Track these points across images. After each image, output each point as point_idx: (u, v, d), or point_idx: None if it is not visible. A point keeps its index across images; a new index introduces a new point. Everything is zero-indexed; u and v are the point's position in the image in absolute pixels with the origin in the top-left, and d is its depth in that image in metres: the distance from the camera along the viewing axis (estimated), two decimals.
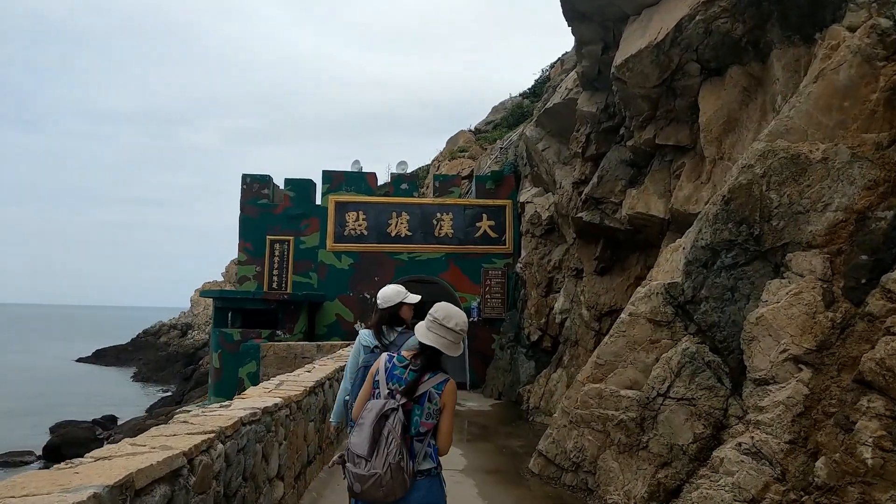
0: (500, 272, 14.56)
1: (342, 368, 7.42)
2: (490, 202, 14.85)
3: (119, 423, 22.07)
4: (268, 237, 14.52)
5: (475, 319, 14.35)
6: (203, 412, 3.70)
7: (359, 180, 14.93)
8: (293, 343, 11.21)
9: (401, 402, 2.70)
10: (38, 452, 17.86)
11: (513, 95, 30.46)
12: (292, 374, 6.27)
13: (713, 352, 5.44)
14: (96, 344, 52.91)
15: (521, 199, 13.67)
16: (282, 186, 15.06)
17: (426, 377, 2.79)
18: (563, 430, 6.21)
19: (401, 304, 4.01)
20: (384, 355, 2.95)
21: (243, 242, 14.54)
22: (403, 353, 2.92)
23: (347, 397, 3.93)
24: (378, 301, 4.00)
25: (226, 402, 4.15)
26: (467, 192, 16.80)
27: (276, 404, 4.30)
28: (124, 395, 30.98)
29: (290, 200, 14.75)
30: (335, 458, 2.92)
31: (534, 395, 10.72)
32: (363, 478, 2.59)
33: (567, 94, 11.47)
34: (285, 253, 14.55)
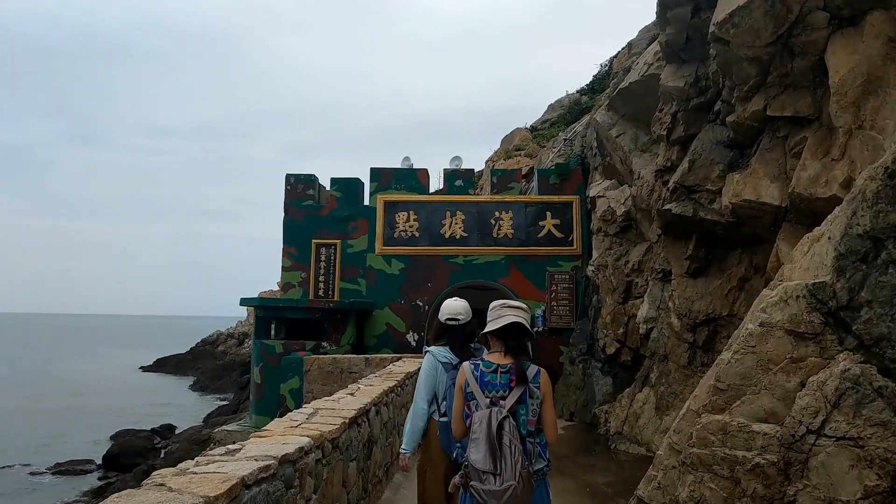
0: (567, 276, 13.29)
1: (392, 389, 6.39)
2: (555, 198, 13.61)
3: (177, 432, 22.63)
4: (313, 241, 13.73)
5: (540, 329, 13.13)
6: (194, 467, 2.68)
7: (409, 177, 13.97)
8: (339, 356, 10.28)
9: (508, 408, 2.73)
10: (99, 461, 18.36)
11: (570, 92, 29.16)
12: (331, 398, 5.26)
13: (884, 374, 4.12)
14: (158, 353, 55.14)
15: (591, 193, 12.40)
16: (328, 187, 14.26)
17: (525, 366, 2.87)
18: (673, 474, 4.95)
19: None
20: (466, 366, 2.94)
21: (287, 247, 13.78)
22: (484, 357, 2.96)
23: (444, 419, 3.75)
24: (457, 316, 3.98)
25: (233, 447, 3.14)
26: (528, 191, 15.61)
27: (301, 448, 3.27)
28: (183, 403, 31.90)
29: (336, 201, 13.92)
30: (455, 480, 2.81)
31: (614, 417, 9.43)
32: (498, 493, 2.57)
33: (646, 71, 10.19)
34: (332, 258, 13.72)
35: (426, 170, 14.14)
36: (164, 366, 49.65)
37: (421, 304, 13.39)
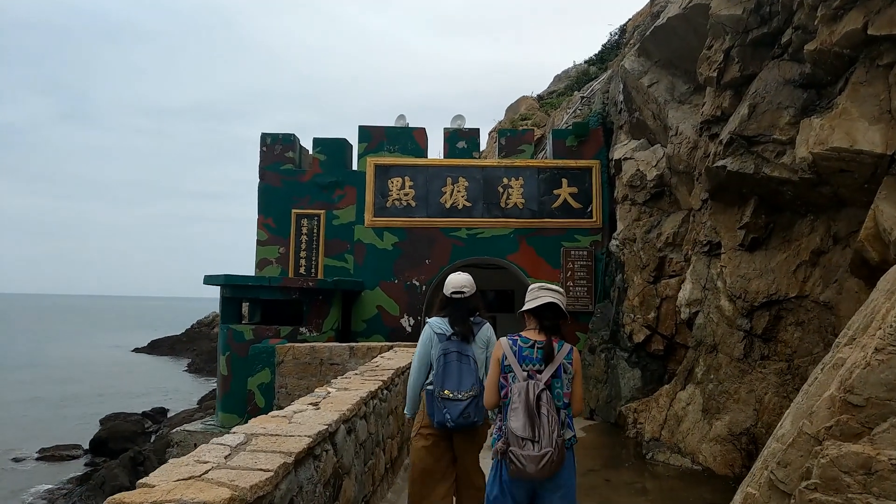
0: (585, 252, 11.84)
1: (375, 394, 4.97)
2: (572, 163, 12.10)
3: (169, 415, 22.21)
4: (293, 211, 12.25)
5: None
6: None
7: (404, 138, 12.44)
8: (319, 345, 8.87)
9: (544, 381, 3.05)
10: (86, 446, 17.90)
11: (577, 63, 27.57)
12: (283, 412, 3.84)
13: None
14: (153, 334, 54.66)
15: (616, 155, 10.90)
16: (310, 149, 12.74)
17: (558, 346, 3.16)
18: None
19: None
20: (504, 340, 3.24)
21: (263, 218, 12.30)
22: (523, 334, 3.24)
23: (430, 387, 4.00)
24: (462, 289, 4.11)
25: None
26: (541, 156, 14.10)
27: None
28: (177, 386, 31.23)
29: (319, 165, 12.42)
30: (497, 446, 3.10)
31: (649, 419, 8.03)
32: (536, 458, 2.89)
33: (689, 2, 8.62)
34: (315, 230, 12.25)
35: (423, 129, 12.61)
36: (158, 347, 49.10)
37: (417, 283, 11.96)
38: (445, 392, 3.86)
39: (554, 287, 3.32)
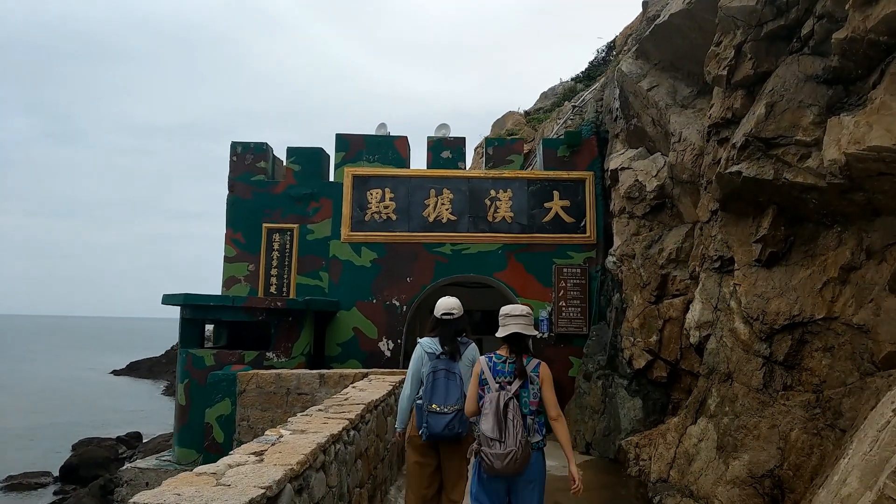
0: (578, 270, 11.08)
1: (338, 437, 4.14)
2: (564, 174, 11.39)
3: (144, 440, 21.67)
4: (264, 225, 11.41)
5: (545, 335, 10.91)
6: None
7: (385, 147, 11.67)
8: (285, 372, 7.98)
9: (513, 391, 3.69)
10: (56, 473, 17.29)
11: (563, 80, 27.16)
12: (210, 469, 2.99)
13: None
14: (132, 356, 53.58)
15: (612, 165, 10.19)
16: (284, 159, 11.94)
17: (525, 361, 3.81)
18: None
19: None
20: (483, 358, 3.94)
21: (231, 232, 11.44)
22: (499, 352, 3.93)
23: (419, 401, 4.45)
24: (451, 311, 4.59)
25: None
26: (531, 167, 13.40)
27: None
28: (154, 409, 30.32)
29: (293, 176, 11.61)
30: (472, 446, 3.76)
31: (655, 456, 7.21)
32: (502, 455, 3.52)
33: None
34: (287, 246, 11.41)
35: (405, 138, 11.85)
36: (136, 369, 48.20)
37: (398, 303, 11.11)
38: (433, 406, 4.33)
39: (517, 313, 3.93)
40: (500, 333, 3.88)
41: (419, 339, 4.64)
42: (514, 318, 3.88)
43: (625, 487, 7.39)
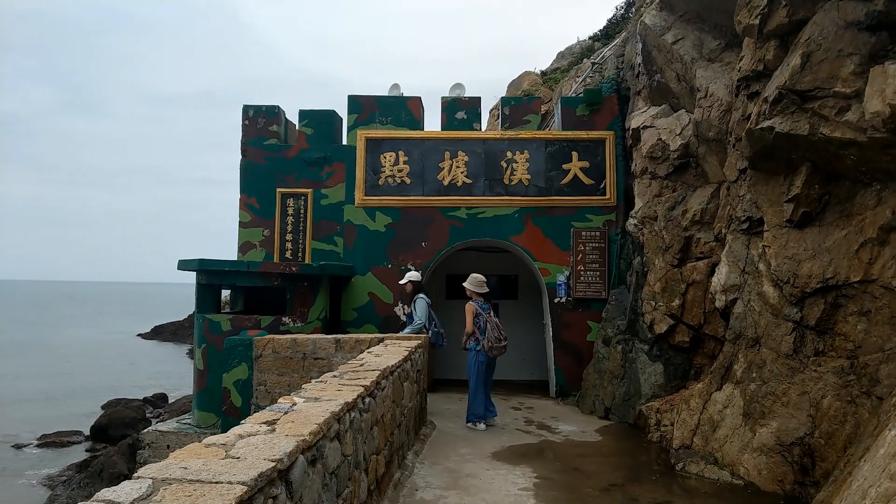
0: (598, 233, 10.78)
1: (355, 405, 3.96)
2: (583, 134, 11.00)
3: (171, 401, 22.21)
4: (278, 190, 11.19)
5: (562, 299, 10.68)
6: None
7: (398, 108, 11.34)
8: (301, 337, 7.83)
9: (496, 317, 8.08)
10: (87, 433, 17.77)
11: (581, 39, 26.34)
12: (220, 440, 2.82)
13: None
14: (157, 320, 54.36)
15: (634, 124, 9.79)
16: (296, 122, 11.65)
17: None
18: None
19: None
20: (474, 303, 8.00)
21: (246, 198, 11.25)
22: (479, 300, 8.06)
23: (436, 329, 8.60)
24: (415, 279, 9.06)
25: None
26: (549, 127, 12.99)
27: None
28: (179, 371, 30.85)
29: (306, 140, 11.33)
30: (484, 344, 7.80)
31: (678, 423, 7.01)
32: (503, 347, 7.83)
33: None
34: (302, 211, 11.20)
35: (419, 98, 11.49)
36: (161, 333, 48.81)
37: (413, 268, 10.91)
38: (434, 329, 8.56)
39: (480, 279, 8.22)
40: (480, 291, 8.13)
41: (419, 296, 8.71)
42: (483, 284, 8.18)
43: (645, 453, 7.22)
